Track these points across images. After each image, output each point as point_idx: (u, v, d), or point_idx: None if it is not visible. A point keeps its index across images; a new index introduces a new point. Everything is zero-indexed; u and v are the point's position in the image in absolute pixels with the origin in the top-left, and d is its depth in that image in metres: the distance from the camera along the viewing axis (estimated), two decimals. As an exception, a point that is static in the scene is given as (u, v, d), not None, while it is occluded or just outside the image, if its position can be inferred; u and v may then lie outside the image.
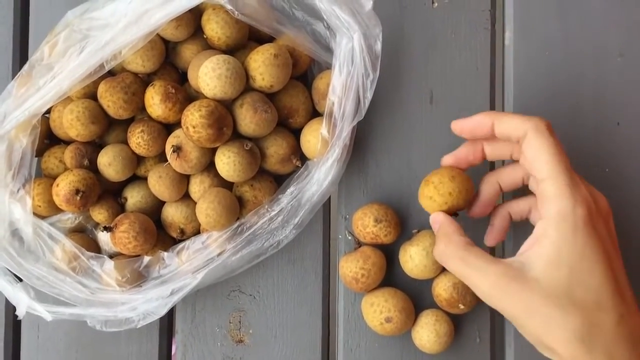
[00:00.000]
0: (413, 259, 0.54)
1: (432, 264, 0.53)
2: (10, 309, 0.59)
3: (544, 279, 0.41)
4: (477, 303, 0.55)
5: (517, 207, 0.52)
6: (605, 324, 0.41)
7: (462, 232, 0.47)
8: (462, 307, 0.53)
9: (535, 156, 0.44)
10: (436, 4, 0.59)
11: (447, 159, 0.52)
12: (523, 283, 0.42)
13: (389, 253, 0.56)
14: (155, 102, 0.53)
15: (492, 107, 0.58)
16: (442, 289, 0.54)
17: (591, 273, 0.41)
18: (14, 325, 0.61)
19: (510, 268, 0.43)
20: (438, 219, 0.50)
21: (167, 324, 0.60)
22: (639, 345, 0.42)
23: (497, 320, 0.58)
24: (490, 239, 0.53)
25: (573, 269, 0.41)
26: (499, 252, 0.58)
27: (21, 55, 0.62)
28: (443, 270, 0.54)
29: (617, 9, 0.58)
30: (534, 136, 0.44)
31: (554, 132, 0.45)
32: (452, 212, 0.51)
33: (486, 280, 0.43)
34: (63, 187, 0.53)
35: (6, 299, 0.55)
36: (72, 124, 0.53)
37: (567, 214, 0.42)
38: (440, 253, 0.47)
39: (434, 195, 0.50)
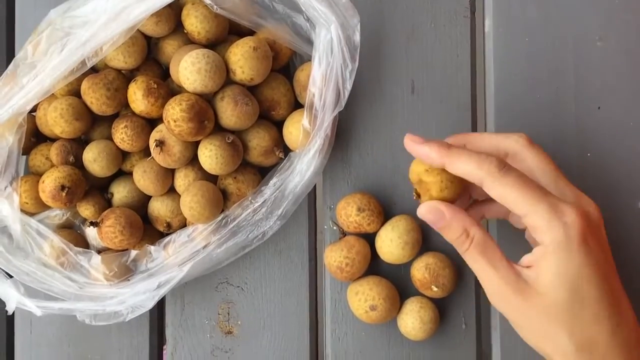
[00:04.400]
0: (380, 237, 0.55)
1: (398, 237, 0.54)
2: (3, 304, 0.60)
3: (547, 298, 0.43)
4: (455, 288, 0.56)
5: (494, 210, 0.52)
6: (601, 335, 0.43)
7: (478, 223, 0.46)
8: (435, 289, 0.54)
9: (504, 200, 0.43)
10: (415, -7, 0.59)
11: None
12: (527, 298, 0.43)
13: (373, 242, 0.57)
14: (137, 97, 0.54)
15: (474, 96, 0.59)
16: (415, 270, 0.55)
17: (589, 290, 0.43)
18: (8, 321, 0.62)
19: (518, 278, 0.44)
20: (443, 209, 0.46)
21: (157, 317, 0.61)
22: (634, 350, 0.44)
23: (482, 306, 0.58)
24: None
25: (572, 289, 0.42)
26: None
27: (8, 55, 0.63)
28: (420, 252, 0.56)
29: (596, -6, 0.58)
30: (492, 185, 0.43)
31: (510, 167, 0.44)
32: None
33: (494, 281, 0.44)
34: (49, 183, 0.54)
35: (-2, 295, 0.56)
36: (56, 121, 0.54)
37: (561, 242, 0.42)
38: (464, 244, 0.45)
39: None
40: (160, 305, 0.60)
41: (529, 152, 0.48)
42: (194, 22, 0.54)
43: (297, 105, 0.58)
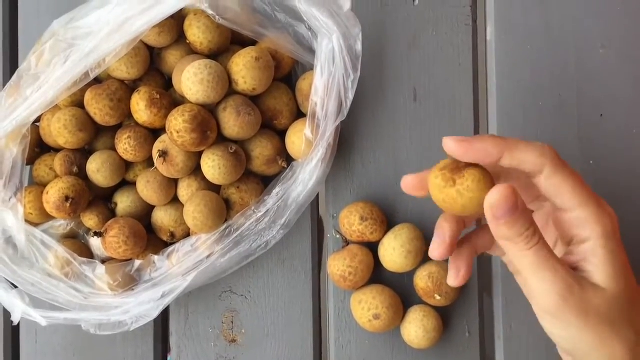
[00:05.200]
0: (383, 245, 0.56)
1: (401, 246, 0.54)
2: (9, 315, 0.60)
3: (611, 291, 0.42)
4: (458, 296, 0.56)
5: (482, 240, 0.46)
6: None
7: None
8: (438, 297, 0.54)
9: (557, 190, 0.42)
10: (417, 2, 0.59)
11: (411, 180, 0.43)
12: (595, 294, 0.42)
13: (376, 251, 0.57)
14: (140, 108, 0.54)
15: (476, 103, 0.59)
16: (419, 279, 0.55)
17: (632, 277, 0.43)
18: (13, 331, 0.62)
19: (577, 276, 0.42)
20: (518, 194, 0.39)
21: (161, 326, 0.61)
22: None
23: (486, 314, 0.58)
24: (459, 278, 0.46)
25: (626, 278, 0.42)
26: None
27: (11, 66, 0.63)
28: (422, 261, 0.56)
29: (598, 0, 0.58)
30: (554, 172, 0.41)
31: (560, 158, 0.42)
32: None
33: (562, 280, 0.41)
34: (53, 194, 0.54)
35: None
36: (60, 132, 0.54)
37: (610, 232, 0.42)
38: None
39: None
40: (165, 314, 0.60)
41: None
42: (196, 32, 0.54)
43: (299, 114, 0.58)
